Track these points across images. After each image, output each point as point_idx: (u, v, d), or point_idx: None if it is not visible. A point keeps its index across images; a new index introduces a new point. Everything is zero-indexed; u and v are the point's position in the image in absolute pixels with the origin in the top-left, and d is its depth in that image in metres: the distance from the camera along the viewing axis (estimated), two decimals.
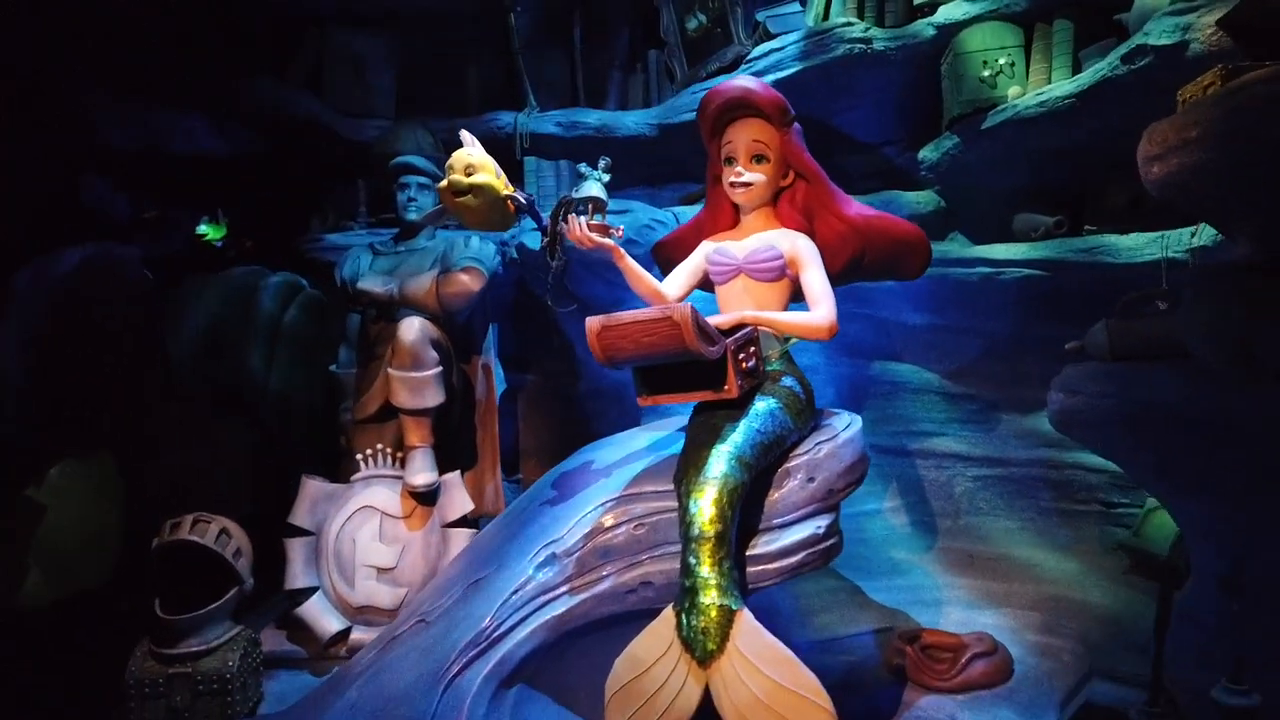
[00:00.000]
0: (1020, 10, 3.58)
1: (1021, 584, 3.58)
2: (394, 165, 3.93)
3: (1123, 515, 3.67)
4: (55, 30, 3.60)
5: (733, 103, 2.56)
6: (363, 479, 3.51)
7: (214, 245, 4.92)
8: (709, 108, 2.59)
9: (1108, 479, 3.71)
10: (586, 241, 2.37)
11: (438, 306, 3.59)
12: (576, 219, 2.37)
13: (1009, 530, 3.91)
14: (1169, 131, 2.18)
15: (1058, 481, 3.81)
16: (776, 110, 2.56)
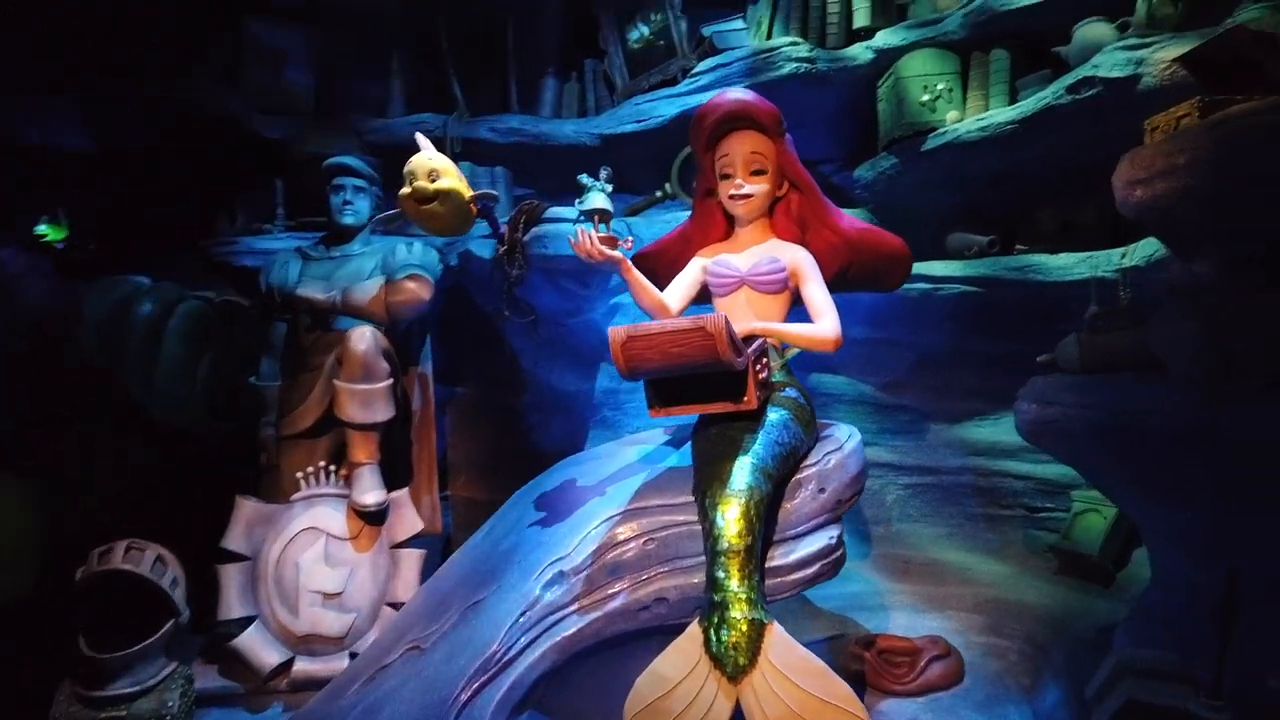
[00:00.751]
0: (957, 39, 3.75)
1: (958, 587, 3.72)
2: (328, 166, 3.73)
3: (1046, 519, 3.89)
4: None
5: (730, 115, 2.56)
6: (303, 498, 3.29)
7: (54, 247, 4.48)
8: (706, 121, 2.57)
9: (1032, 485, 3.92)
10: (596, 255, 2.30)
11: (385, 315, 3.42)
12: (586, 231, 2.30)
13: (938, 536, 4.07)
14: (1155, 158, 2.32)
15: (985, 488, 4.00)
16: (773, 122, 2.57)
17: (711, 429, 2.36)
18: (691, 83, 4.05)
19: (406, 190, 3.11)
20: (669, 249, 2.80)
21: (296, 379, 3.61)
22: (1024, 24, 3.55)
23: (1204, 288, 2.31)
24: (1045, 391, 2.71)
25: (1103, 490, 2.95)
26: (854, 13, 3.99)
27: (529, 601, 2.27)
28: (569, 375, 3.82)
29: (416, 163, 3.11)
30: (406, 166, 3.13)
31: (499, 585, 2.36)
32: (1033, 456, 3.92)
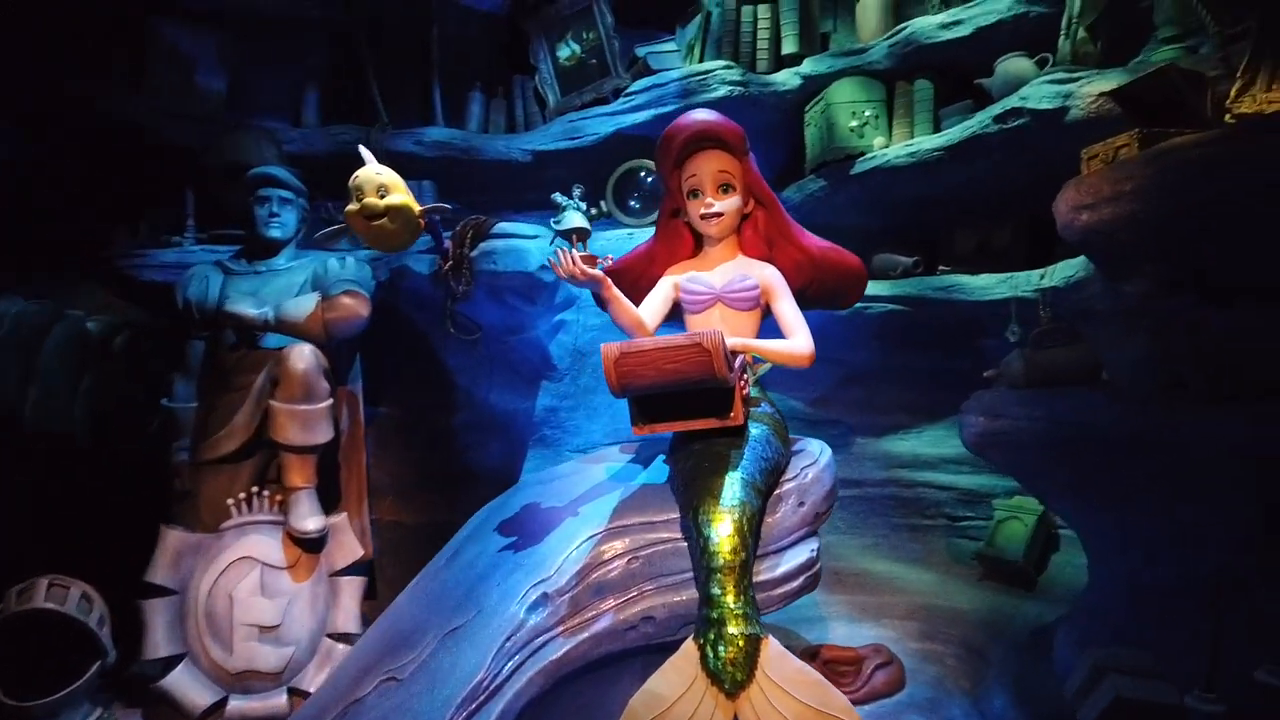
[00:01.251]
0: (882, 68, 3.92)
1: (890, 596, 3.84)
2: (253, 176, 3.56)
3: (967, 528, 4.07)
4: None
5: (697, 135, 2.57)
6: (235, 526, 3.11)
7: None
8: (674, 141, 2.58)
9: (953, 495, 4.10)
10: (579, 274, 2.27)
11: (322, 333, 3.28)
12: (567, 251, 2.28)
13: (866, 547, 4.19)
14: (1101, 184, 2.48)
15: (908, 499, 4.16)
16: (739, 141, 2.61)
17: (695, 445, 2.36)
18: (626, 102, 4.07)
19: (354, 206, 3.00)
20: (632, 268, 2.79)
21: (217, 400, 3.40)
22: (946, 56, 3.74)
23: (1149, 308, 2.48)
24: (993, 405, 2.84)
25: (1042, 497, 3.11)
26: (782, 40, 4.10)
27: (514, 626, 2.21)
28: (508, 394, 3.76)
29: (364, 177, 3.01)
30: (353, 181, 3.02)
31: (479, 610, 2.29)
32: (953, 468, 4.10)
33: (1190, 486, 2.41)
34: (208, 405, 3.44)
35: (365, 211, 2.97)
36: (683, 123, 2.56)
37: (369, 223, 2.99)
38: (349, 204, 3.02)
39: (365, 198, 2.99)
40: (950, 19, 3.64)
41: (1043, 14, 3.43)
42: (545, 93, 4.30)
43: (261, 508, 3.14)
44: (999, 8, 3.51)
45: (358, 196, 3.02)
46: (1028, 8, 3.46)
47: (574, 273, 2.27)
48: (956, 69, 3.74)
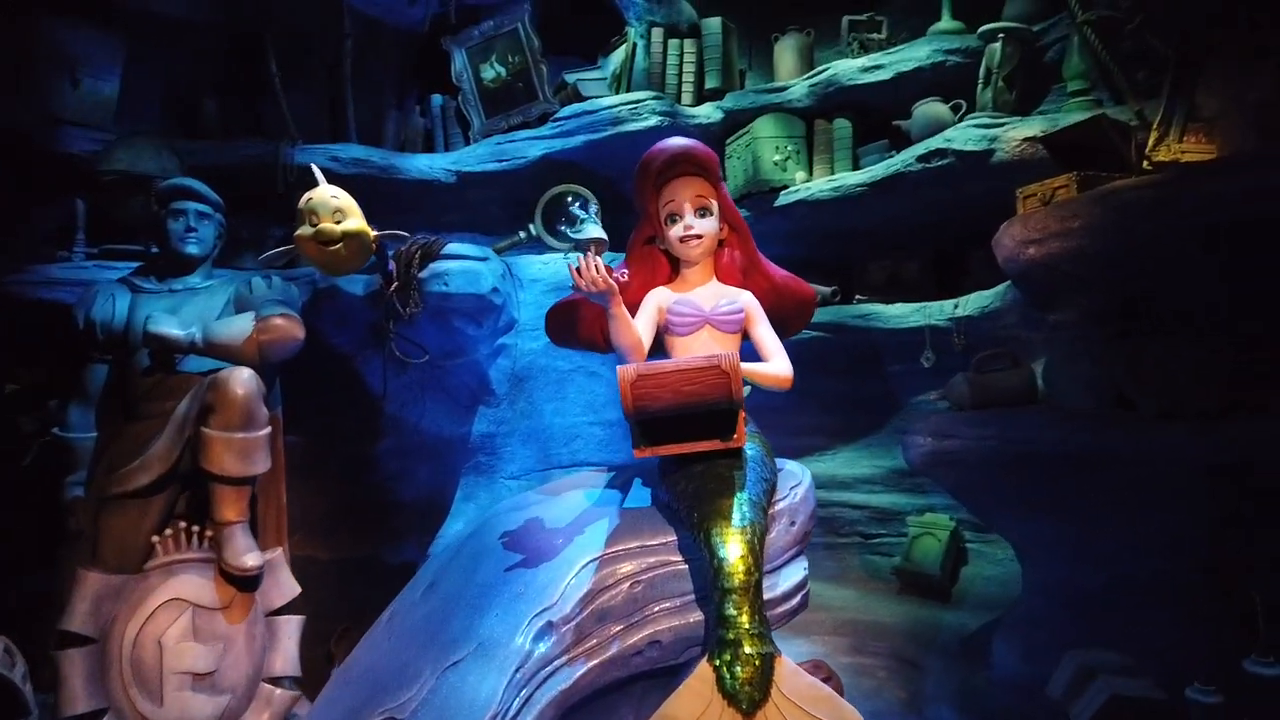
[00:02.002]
0: (802, 106, 4.10)
1: (815, 613, 3.94)
2: (168, 188, 3.31)
3: (880, 545, 4.27)
4: None
5: (675, 160, 2.60)
6: (161, 566, 2.85)
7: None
8: (652, 167, 2.59)
9: (867, 514, 4.29)
10: (601, 283, 2.25)
11: (256, 356, 3.07)
12: (593, 259, 2.24)
13: None
14: (1049, 221, 2.70)
15: (824, 519, 4.29)
16: (714, 166, 2.66)
17: (696, 467, 2.37)
18: (556, 127, 4.06)
19: (307, 230, 2.86)
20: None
21: (124, 430, 3.13)
22: (865, 98, 3.95)
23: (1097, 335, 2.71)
24: (942, 426, 3.01)
25: (981, 512, 3.29)
26: (705, 75, 4.22)
27: (521, 657, 2.14)
28: (442, 420, 3.63)
29: (319, 200, 2.88)
30: (305, 203, 2.89)
31: (480, 643, 2.20)
32: (866, 488, 4.29)
33: (1132, 498, 2.63)
34: (112, 435, 3.15)
35: (321, 237, 2.84)
36: (660, 149, 2.58)
37: (323, 248, 2.85)
38: (300, 227, 2.87)
39: (321, 222, 2.85)
40: (871, 63, 3.86)
41: (959, 63, 3.69)
42: (469, 113, 4.23)
43: (190, 545, 2.90)
44: (918, 55, 3.75)
45: (311, 220, 2.87)
46: (945, 57, 3.71)
47: (596, 280, 2.23)
48: (874, 110, 3.97)
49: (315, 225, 2.89)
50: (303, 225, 2.91)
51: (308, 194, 2.92)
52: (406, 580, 3.73)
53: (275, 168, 4.01)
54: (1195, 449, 2.43)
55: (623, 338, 2.44)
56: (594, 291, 2.28)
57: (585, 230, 2.31)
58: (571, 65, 4.29)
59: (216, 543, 2.92)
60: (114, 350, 3.18)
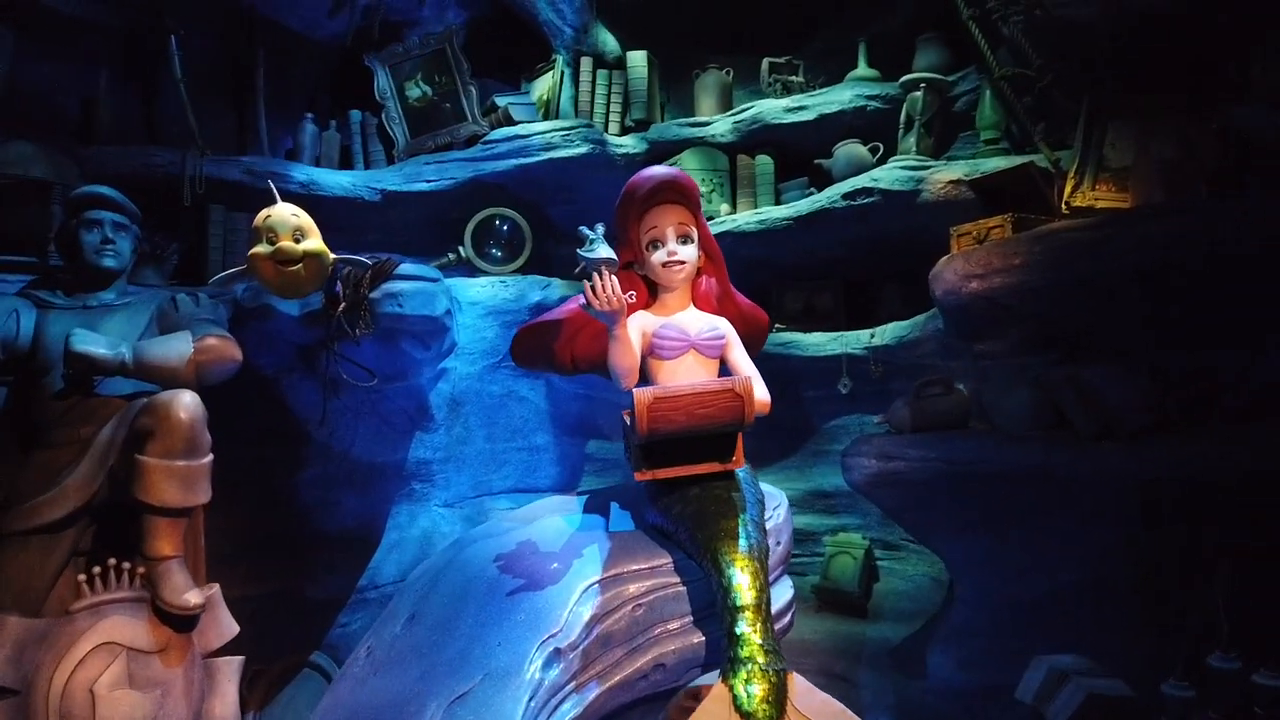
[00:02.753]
0: (725, 141, 4.25)
1: None
2: (82, 195, 3.05)
3: (796, 564, 4.40)
4: None
5: (660, 188, 2.64)
6: (88, 608, 2.59)
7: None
8: (637, 194, 2.62)
9: None
10: (615, 303, 2.25)
11: (194, 379, 2.87)
12: (610, 279, 2.24)
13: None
14: (992, 258, 2.93)
15: None
16: (695, 196, 2.72)
17: (691, 490, 2.40)
18: (486, 149, 4.02)
19: (264, 249, 2.72)
20: (578, 317, 2.78)
21: (29, 458, 2.84)
22: (786, 136, 4.15)
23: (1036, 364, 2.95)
24: (887, 449, 3.17)
25: (917, 529, 3.47)
26: (631, 106, 4.30)
27: (533, 685, 2.09)
28: (376, 446, 3.48)
29: (278, 219, 2.75)
30: (263, 221, 2.75)
31: (485, 673, 2.13)
32: None
33: (1068, 512, 2.87)
34: (13, 465, 2.86)
35: (280, 256, 2.71)
36: (646, 176, 2.62)
37: (281, 268, 2.72)
38: (255, 245, 2.73)
39: (280, 240, 2.72)
40: (796, 104, 4.06)
41: (879, 109, 3.94)
42: (393, 131, 4.12)
43: (120, 583, 2.65)
44: (841, 99, 3.98)
45: (269, 239, 2.73)
46: (866, 102, 3.96)
47: (611, 300, 2.24)
48: (794, 148, 4.16)
49: (274, 244, 2.74)
50: (259, 244, 2.76)
51: (265, 211, 2.78)
52: (333, 616, 3.60)
53: (181, 179, 3.76)
54: (1129, 466, 2.69)
55: (624, 359, 2.45)
56: (606, 311, 2.29)
57: (597, 250, 2.29)
58: (492, 88, 4.27)
59: (151, 580, 2.68)
60: (16, 371, 2.90)
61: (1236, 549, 2.33)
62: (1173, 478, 2.63)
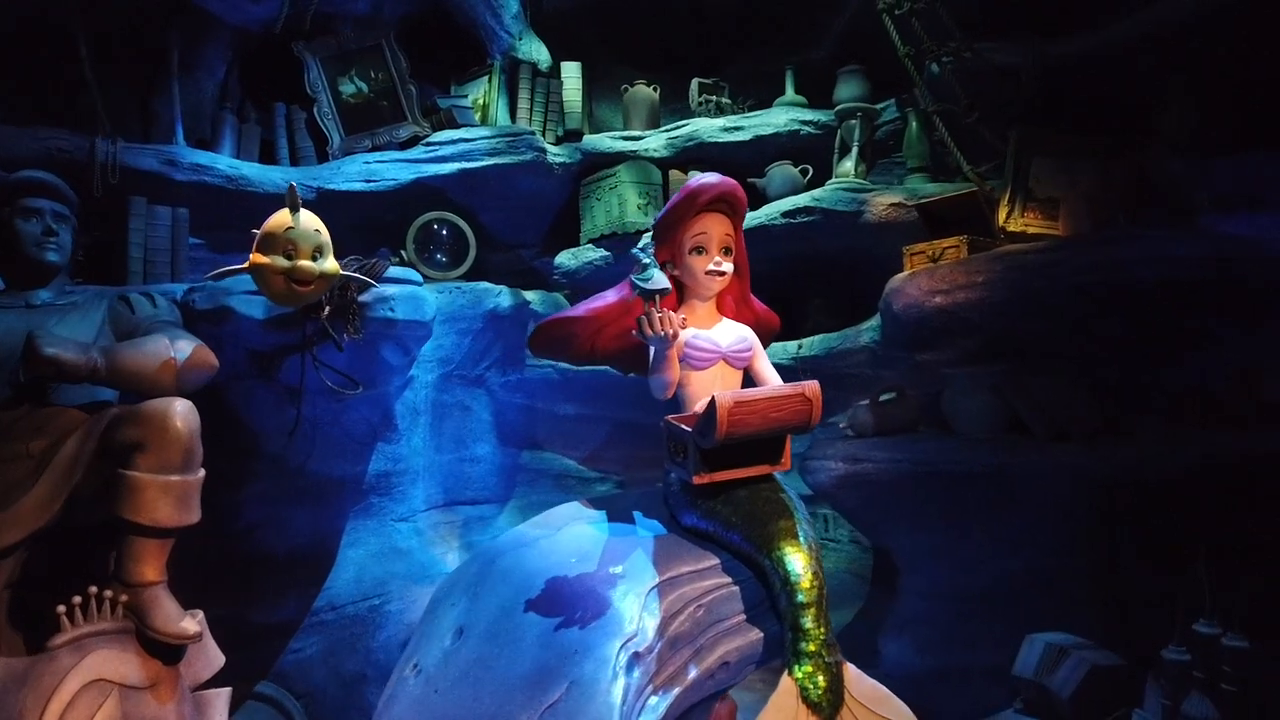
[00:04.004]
0: (659, 156, 4.36)
1: None
2: (21, 180, 2.73)
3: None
4: None
5: (723, 195, 2.68)
6: (70, 642, 2.30)
7: None
8: (701, 197, 2.63)
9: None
10: (673, 335, 2.31)
11: (174, 386, 2.61)
12: (664, 312, 2.29)
13: None
14: (955, 275, 3.22)
15: None
16: (744, 208, 2.79)
17: (738, 492, 2.47)
18: (430, 151, 3.89)
19: (281, 263, 2.55)
20: (605, 314, 2.78)
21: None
22: (720, 155, 4.31)
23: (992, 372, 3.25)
24: (854, 452, 3.38)
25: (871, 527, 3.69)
26: (566, 116, 4.31)
27: (622, 691, 2.10)
28: (334, 459, 3.26)
29: (303, 233, 2.59)
30: (282, 230, 2.58)
31: (571, 681, 2.10)
32: None
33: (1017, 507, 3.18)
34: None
35: (297, 275, 2.54)
36: (711, 182, 2.64)
37: (292, 285, 2.55)
38: (267, 254, 2.55)
39: (299, 260, 2.55)
40: (732, 124, 4.23)
41: (811, 134, 4.19)
42: (327, 128, 3.89)
43: (103, 613, 2.37)
44: (777, 122, 4.19)
45: (288, 251, 2.56)
46: (800, 126, 4.19)
47: (669, 333, 2.29)
48: (726, 166, 4.31)
49: (292, 259, 2.56)
50: (274, 254, 2.57)
51: (284, 220, 2.59)
52: (283, 642, 3.36)
53: (91, 166, 3.40)
54: (1081, 464, 3.04)
55: (668, 374, 2.50)
56: (658, 338, 2.32)
57: (655, 280, 2.32)
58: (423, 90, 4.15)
59: (136, 609, 2.42)
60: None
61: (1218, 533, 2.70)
62: (1117, 475, 2.99)
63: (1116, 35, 3.47)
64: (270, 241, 2.60)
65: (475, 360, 3.86)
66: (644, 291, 2.32)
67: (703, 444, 2.35)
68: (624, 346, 2.85)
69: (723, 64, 4.58)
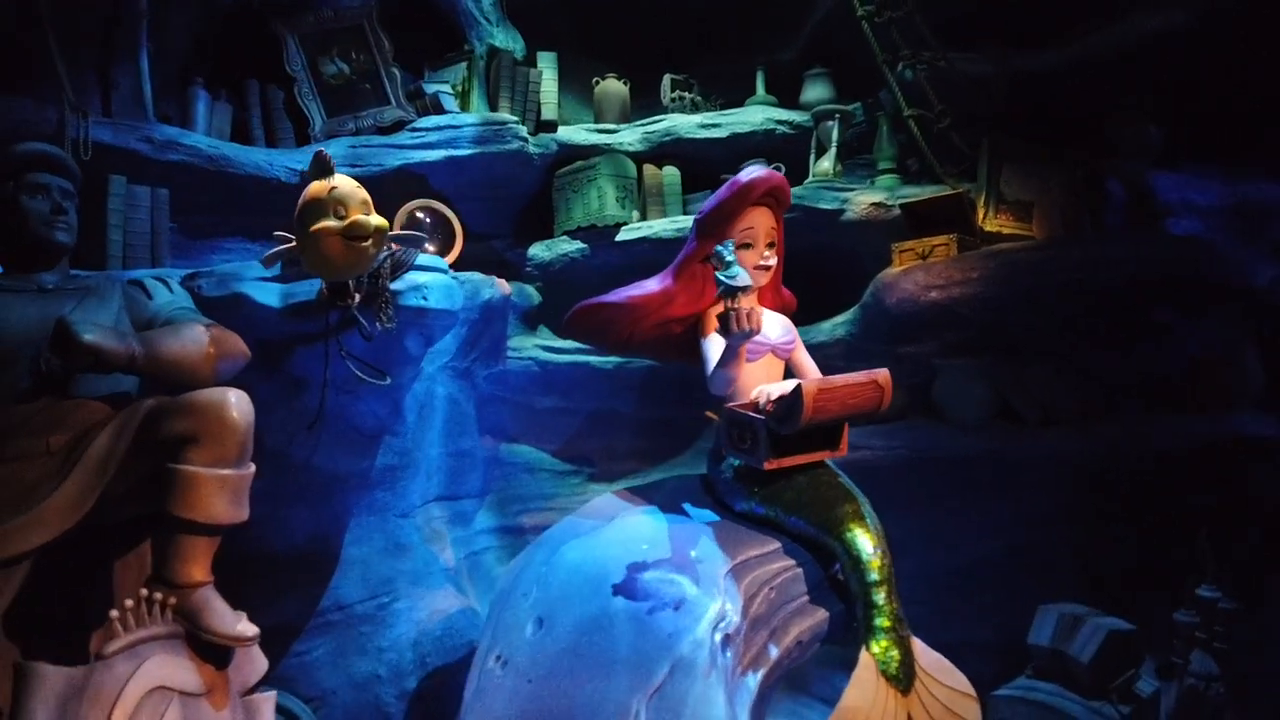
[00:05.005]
0: (633, 150, 4.39)
1: None
2: (28, 152, 2.52)
3: None
4: None
5: (774, 190, 2.75)
6: (125, 648, 2.15)
7: None
8: (753, 192, 2.68)
9: None
10: (756, 330, 2.37)
11: (213, 378, 2.46)
12: (748, 309, 2.35)
13: None
14: (951, 272, 3.42)
15: None
16: (789, 200, 2.86)
17: (799, 478, 2.55)
18: (417, 137, 3.78)
19: (334, 224, 2.43)
20: (649, 304, 2.81)
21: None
22: (695, 151, 4.38)
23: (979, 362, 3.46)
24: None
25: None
26: (543, 106, 4.28)
27: (725, 672, 2.15)
28: (340, 454, 3.12)
29: (347, 191, 2.49)
30: (327, 192, 2.48)
31: (673, 664, 2.13)
32: None
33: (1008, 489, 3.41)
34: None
35: (354, 231, 2.43)
36: (761, 177, 2.71)
37: (352, 245, 2.45)
38: (317, 219, 2.44)
39: (352, 214, 2.44)
40: (710, 121, 4.31)
41: (786, 134, 4.32)
42: (308, 109, 3.71)
43: (153, 617, 2.23)
44: (754, 121, 4.29)
45: (338, 212, 2.45)
46: (775, 126, 4.31)
47: (752, 330, 2.34)
48: (700, 162, 4.41)
49: (343, 218, 2.46)
50: (324, 218, 2.46)
51: (326, 182, 2.48)
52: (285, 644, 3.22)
53: (61, 141, 3.14)
54: (1069, 448, 3.29)
55: (736, 369, 2.57)
56: (742, 333, 2.38)
57: (739, 276, 2.37)
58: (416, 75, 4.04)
59: (186, 611, 2.28)
60: None
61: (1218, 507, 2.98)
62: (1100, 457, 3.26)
63: (1078, 53, 3.76)
64: (316, 208, 2.49)
65: (465, 352, 3.79)
66: (729, 288, 2.36)
67: (782, 430, 2.41)
68: (664, 336, 2.89)
69: (692, 61, 4.65)
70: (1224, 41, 3.49)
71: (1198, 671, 2.60)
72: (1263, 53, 3.46)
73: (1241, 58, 3.51)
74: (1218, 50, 3.52)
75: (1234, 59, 3.53)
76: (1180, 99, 3.68)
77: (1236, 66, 3.55)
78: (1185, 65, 3.60)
